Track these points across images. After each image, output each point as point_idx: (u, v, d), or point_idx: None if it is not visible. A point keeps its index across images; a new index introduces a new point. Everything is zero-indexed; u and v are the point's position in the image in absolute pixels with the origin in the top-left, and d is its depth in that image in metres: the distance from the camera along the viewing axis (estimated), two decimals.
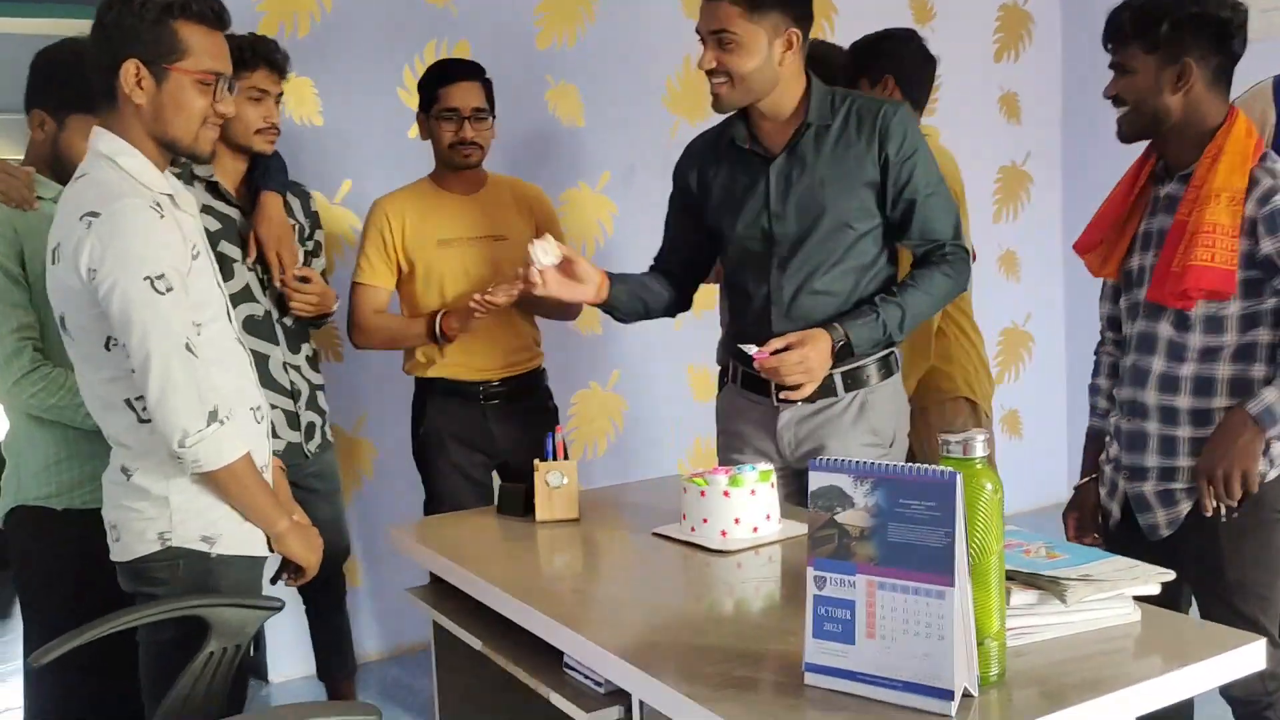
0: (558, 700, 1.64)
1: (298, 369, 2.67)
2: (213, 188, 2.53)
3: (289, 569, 2.02)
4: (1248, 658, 1.41)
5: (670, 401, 4.10)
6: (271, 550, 1.97)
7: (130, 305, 1.69)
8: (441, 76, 2.85)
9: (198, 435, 1.73)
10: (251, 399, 1.93)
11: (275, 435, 2.57)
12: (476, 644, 1.89)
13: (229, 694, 1.90)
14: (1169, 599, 1.88)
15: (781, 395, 2.20)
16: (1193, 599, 2.08)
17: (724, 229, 2.31)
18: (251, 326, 2.53)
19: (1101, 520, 2.15)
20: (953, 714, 1.23)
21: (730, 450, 2.37)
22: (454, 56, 3.63)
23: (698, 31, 2.18)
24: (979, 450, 1.31)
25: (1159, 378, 1.98)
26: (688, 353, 4.00)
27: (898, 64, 2.81)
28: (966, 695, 1.27)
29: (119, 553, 1.89)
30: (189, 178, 2.49)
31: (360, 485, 3.65)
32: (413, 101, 3.62)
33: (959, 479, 1.24)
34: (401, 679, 3.53)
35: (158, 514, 1.84)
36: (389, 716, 3.26)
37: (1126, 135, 2.00)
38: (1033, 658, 1.40)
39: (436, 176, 2.93)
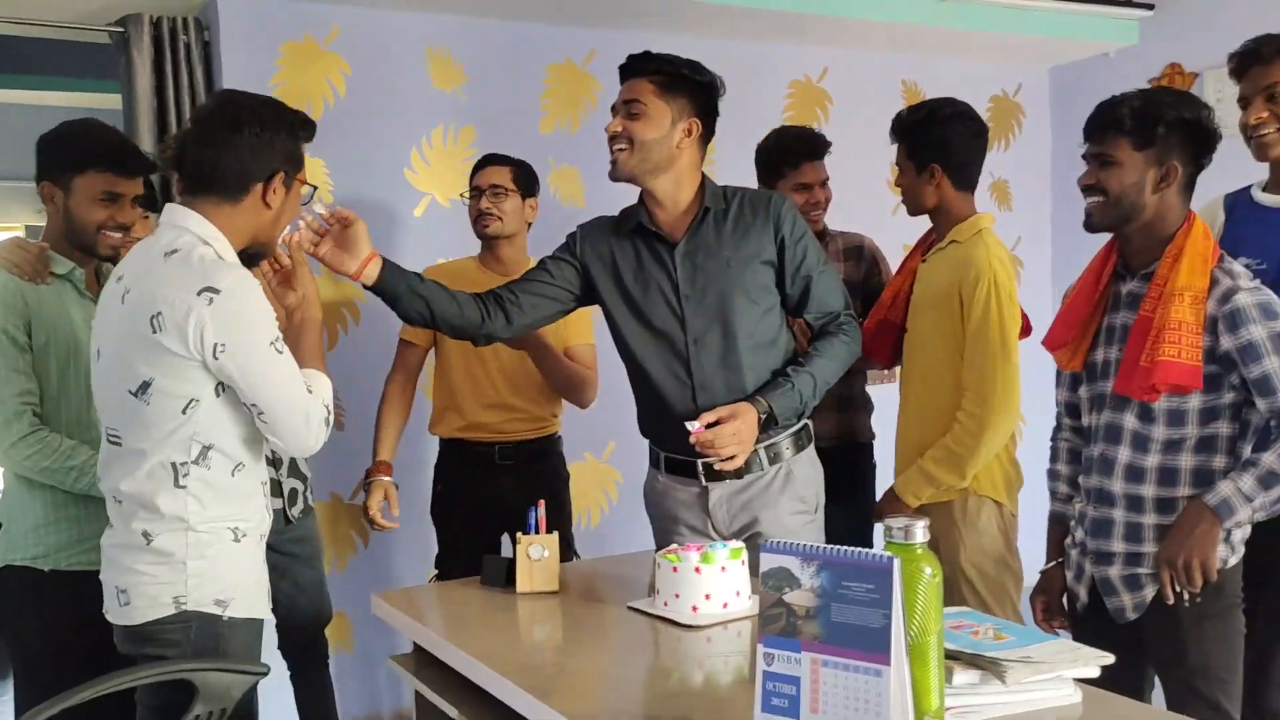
0: None
1: None
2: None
3: None
4: None
5: None
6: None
7: (260, 376, 1.90)
8: (476, 165, 3.20)
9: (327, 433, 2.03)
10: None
11: None
12: (453, 712, 1.96)
13: None
14: (1134, 682, 1.97)
15: (717, 466, 2.27)
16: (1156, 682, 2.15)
17: (632, 310, 2.40)
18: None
19: (1069, 603, 2.22)
20: None
21: (668, 536, 2.45)
22: (462, 140, 3.82)
23: (613, 109, 2.40)
24: (919, 536, 1.40)
25: (1125, 467, 2.06)
26: None
27: (944, 150, 2.66)
28: None
29: (126, 616, 1.95)
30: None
31: (356, 552, 3.73)
32: (420, 182, 3.81)
33: (896, 564, 1.33)
34: None
35: (174, 578, 1.93)
36: None
37: (1096, 225, 2.09)
38: None
39: (481, 257, 3.20)
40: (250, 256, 2.56)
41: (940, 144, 2.66)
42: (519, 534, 2.27)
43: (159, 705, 1.96)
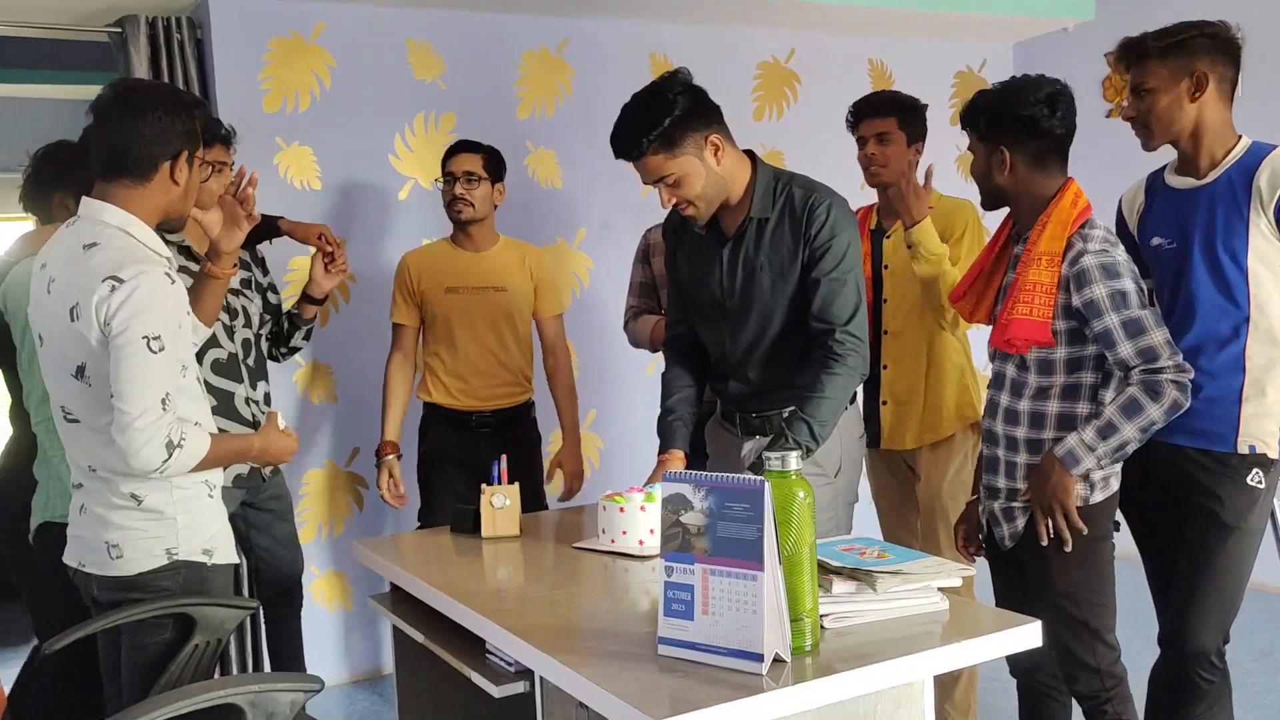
0: (476, 679, 1.96)
1: (257, 403, 3.02)
2: (185, 251, 2.88)
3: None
4: (1025, 635, 1.73)
5: (643, 440, 4.42)
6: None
7: (121, 360, 1.99)
8: (448, 151, 3.44)
9: (163, 465, 2.02)
10: (210, 429, 2.25)
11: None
12: (419, 637, 2.22)
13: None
14: (1025, 601, 2.20)
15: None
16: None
17: (690, 300, 2.64)
18: (218, 368, 2.89)
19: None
20: (763, 673, 1.55)
21: (716, 468, 2.69)
22: (442, 127, 4.04)
23: (645, 182, 2.41)
24: (793, 464, 1.63)
25: (1004, 411, 2.30)
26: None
27: (923, 127, 2.99)
28: (779, 660, 1.58)
29: (116, 568, 2.15)
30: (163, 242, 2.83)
31: (352, 516, 3.99)
32: (403, 167, 4.05)
33: (767, 486, 1.56)
34: (388, 693, 3.84)
35: (165, 532, 2.15)
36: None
37: (985, 205, 2.37)
38: (850, 635, 1.71)
39: (453, 237, 3.49)
40: (257, 234, 2.86)
41: (922, 121, 3.00)
42: (483, 485, 2.51)
43: (156, 641, 2.20)
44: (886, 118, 2.94)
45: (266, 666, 3.50)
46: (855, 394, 2.60)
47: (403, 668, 2.53)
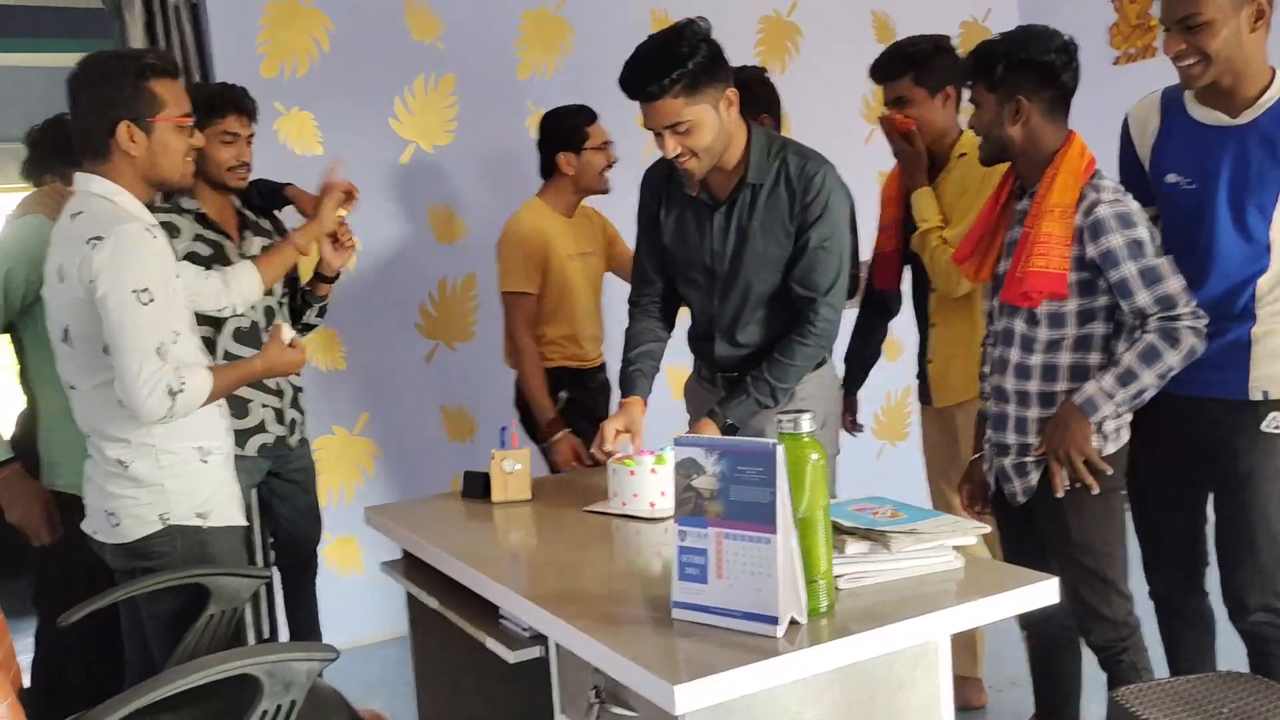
0: (490, 644, 1.96)
1: None
2: (201, 218, 2.86)
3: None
4: (1042, 592, 1.72)
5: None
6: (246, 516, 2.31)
7: (113, 317, 2.01)
8: (589, 115, 3.39)
9: (169, 412, 2.05)
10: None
11: (264, 430, 2.93)
12: (433, 603, 2.22)
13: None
14: (1035, 560, 2.20)
15: None
16: None
17: (676, 262, 2.61)
18: (241, 336, 2.87)
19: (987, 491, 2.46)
20: (779, 636, 1.55)
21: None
22: (442, 89, 4.00)
23: (649, 128, 2.32)
24: (805, 426, 1.62)
25: (1014, 367, 2.29)
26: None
27: (955, 74, 2.73)
28: (795, 623, 1.58)
29: (117, 535, 2.18)
30: (177, 210, 2.82)
31: (362, 480, 4.00)
32: (404, 130, 4.00)
33: (780, 449, 1.55)
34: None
35: (155, 498, 2.16)
36: (388, 689, 3.60)
37: (984, 160, 2.32)
38: (864, 596, 1.71)
39: (559, 196, 3.39)
40: (267, 202, 2.93)
41: (950, 68, 2.82)
42: (493, 450, 2.51)
43: (171, 608, 2.22)
44: (897, 80, 2.82)
45: (283, 633, 3.53)
46: (827, 355, 2.60)
47: (417, 632, 2.54)
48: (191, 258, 2.75)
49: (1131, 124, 2.41)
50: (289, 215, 3.33)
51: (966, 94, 2.37)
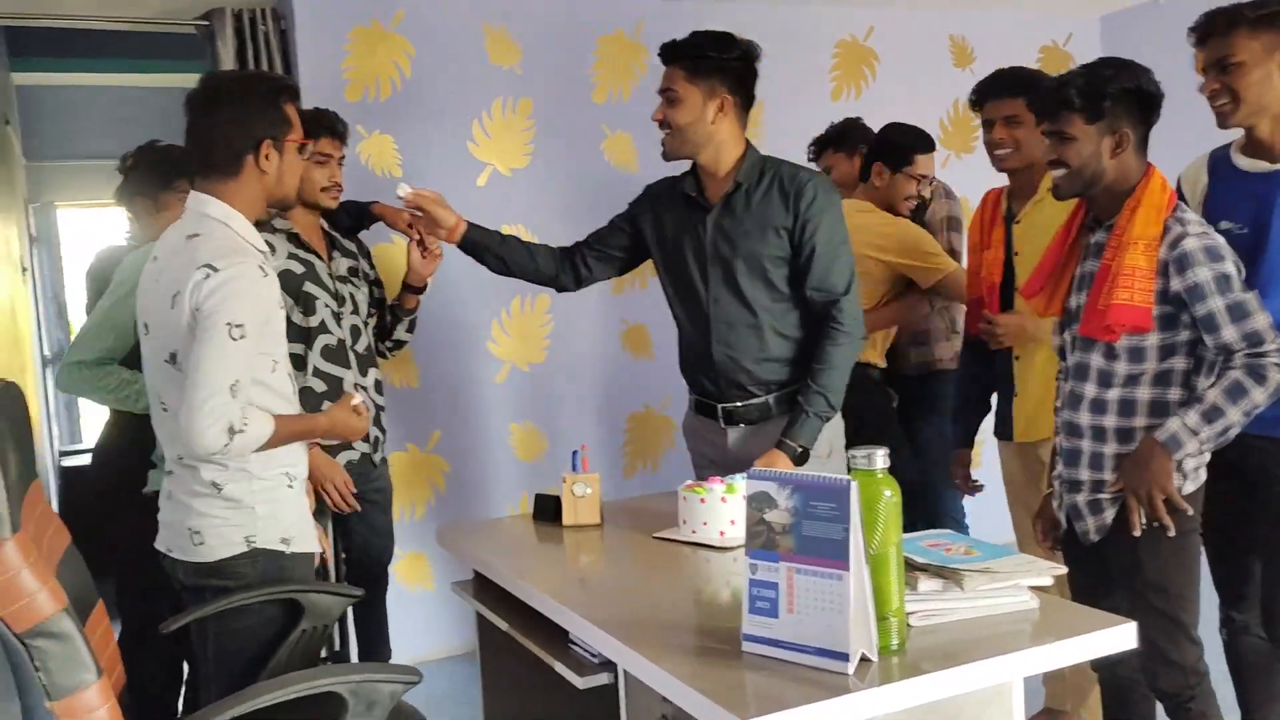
0: (560, 669, 1.98)
1: (365, 390, 3.06)
2: (294, 238, 2.94)
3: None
4: (1119, 637, 1.69)
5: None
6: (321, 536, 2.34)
7: (200, 343, 2.02)
8: (927, 144, 3.49)
9: (224, 449, 2.04)
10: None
11: (350, 446, 2.98)
12: (503, 625, 2.25)
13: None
14: (1110, 599, 2.16)
15: None
16: None
17: (669, 267, 2.69)
18: (328, 354, 2.94)
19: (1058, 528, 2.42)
20: (850, 673, 1.54)
21: (700, 469, 2.77)
22: (520, 113, 4.06)
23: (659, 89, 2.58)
24: (879, 463, 1.62)
25: (1091, 402, 2.25)
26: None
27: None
28: (865, 660, 1.58)
29: (200, 554, 2.19)
30: (270, 229, 2.89)
31: (433, 497, 4.06)
32: (481, 154, 4.06)
33: (854, 486, 1.55)
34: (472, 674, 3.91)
35: (245, 520, 2.18)
36: (454, 705, 3.64)
37: (1063, 194, 2.26)
38: (937, 634, 1.69)
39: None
40: (354, 221, 2.96)
41: None
42: (564, 474, 2.54)
43: (258, 623, 2.26)
44: (1014, 98, 2.79)
45: (354, 645, 3.58)
46: None
47: (487, 651, 2.57)
48: (285, 276, 2.83)
49: (1183, 184, 2.46)
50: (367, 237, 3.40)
51: None
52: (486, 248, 2.76)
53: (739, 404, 2.63)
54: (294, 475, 2.27)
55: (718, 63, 2.51)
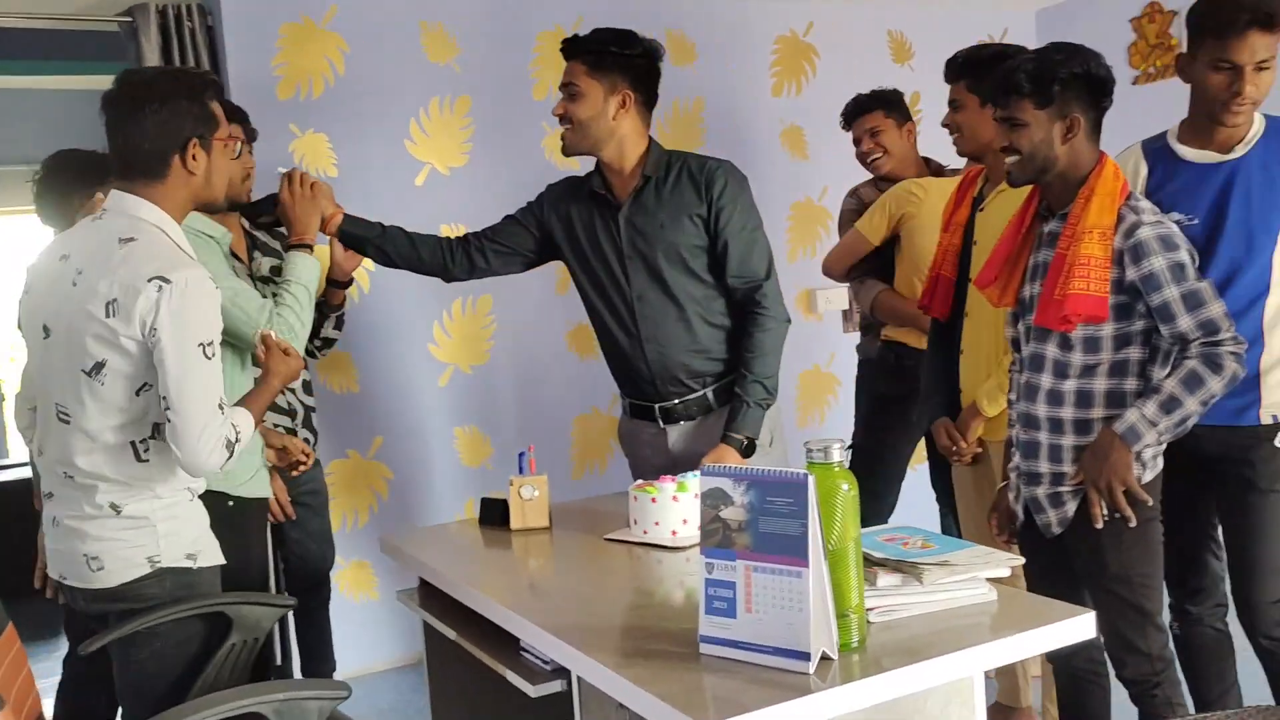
0: (512, 677, 1.92)
1: (294, 391, 2.99)
2: None
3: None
4: (1078, 627, 1.67)
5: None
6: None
7: (181, 372, 1.94)
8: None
9: (227, 462, 2.00)
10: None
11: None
12: (451, 634, 2.18)
13: (248, 682, 2.20)
14: (1068, 592, 2.15)
15: None
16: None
17: (585, 268, 2.65)
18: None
19: (1014, 521, 2.40)
20: (810, 672, 1.50)
21: (640, 471, 2.73)
22: (458, 110, 3.98)
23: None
24: (835, 456, 1.58)
25: (1047, 393, 2.23)
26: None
27: None
28: (826, 658, 1.54)
29: (100, 580, 2.07)
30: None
31: (375, 504, 3.96)
32: (419, 152, 3.98)
33: (811, 480, 1.51)
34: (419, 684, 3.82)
35: (147, 540, 2.06)
36: (402, 718, 3.55)
37: (1016, 180, 2.25)
38: (896, 630, 1.66)
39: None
40: (271, 211, 2.73)
41: None
42: (511, 477, 2.47)
43: (182, 639, 2.14)
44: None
45: (295, 659, 3.48)
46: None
47: (434, 662, 2.50)
48: None
49: (1127, 174, 2.39)
50: None
51: None
52: (365, 239, 2.71)
53: (677, 401, 2.61)
54: (195, 488, 2.16)
55: (619, 58, 2.50)
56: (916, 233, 3.28)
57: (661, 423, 2.64)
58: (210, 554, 2.17)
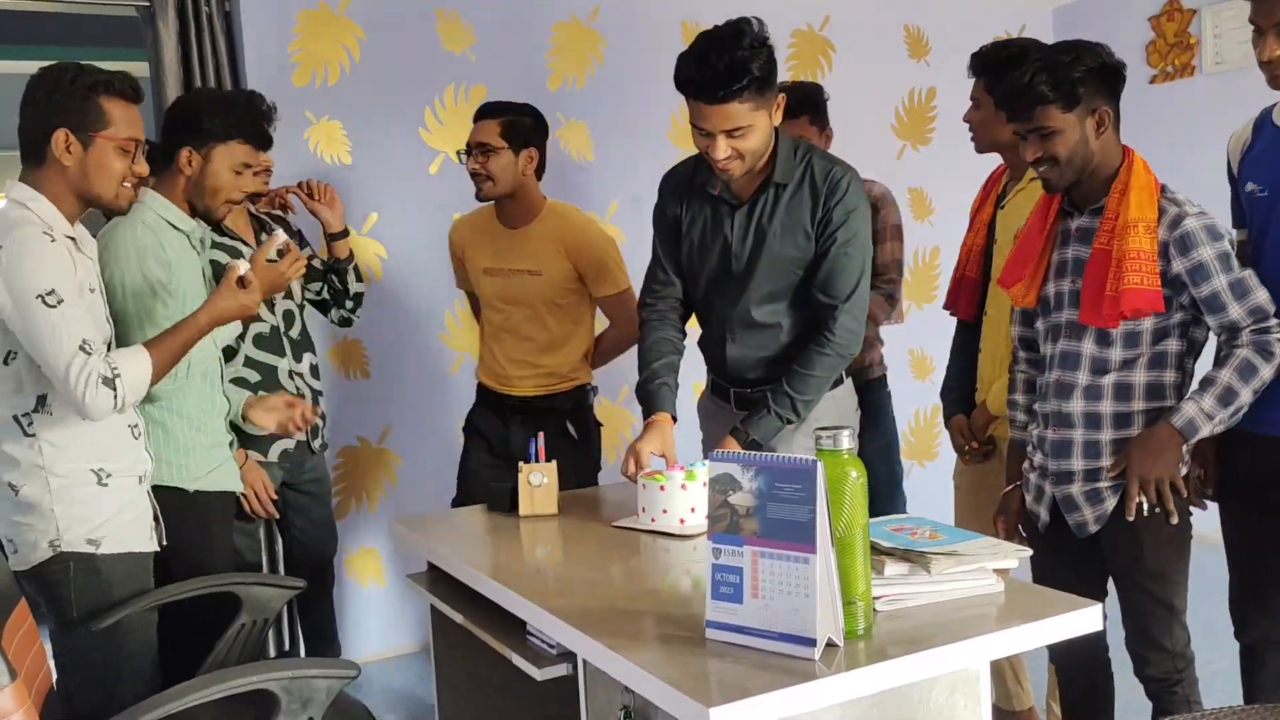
0: (517, 660, 1.93)
1: (301, 376, 2.99)
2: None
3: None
4: (1084, 619, 1.67)
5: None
6: (156, 538, 2.23)
7: (27, 324, 1.96)
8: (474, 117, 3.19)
9: (118, 402, 1.98)
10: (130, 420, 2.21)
11: (286, 434, 2.85)
12: (459, 618, 2.19)
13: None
14: (1091, 591, 2.11)
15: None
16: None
17: (694, 263, 2.58)
18: (261, 341, 2.87)
19: (1027, 523, 2.37)
20: (816, 659, 1.50)
21: (707, 447, 2.69)
22: (473, 99, 3.98)
23: (698, 127, 2.28)
24: (845, 443, 1.58)
25: (1084, 389, 2.20)
26: None
27: None
28: (832, 645, 1.54)
29: (17, 563, 2.10)
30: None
31: (384, 491, 3.98)
32: (434, 140, 3.99)
33: (819, 466, 1.51)
34: (426, 671, 3.84)
35: (44, 525, 2.07)
36: (409, 703, 3.56)
37: (1055, 187, 2.19)
38: (903, 619, 1.66)
39: (496, 207, 3.20)
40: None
41: None
42: (520, 462, 2.48)
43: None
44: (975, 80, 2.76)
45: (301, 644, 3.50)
46: (843, 372, 2.56)
47: (440, 646, 2.51)
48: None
49: (1230, 145, 2.35)
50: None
51: None
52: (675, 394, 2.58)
53: (749, 390, 2.55)
54: (109, 471, 2.13)
55: (771, 72, 2.27)
56: None
57: (734, 407, 2.58)
58: (120, 540, 2.14)
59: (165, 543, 2.27)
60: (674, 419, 2.52)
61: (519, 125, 3.10)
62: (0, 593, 1.88)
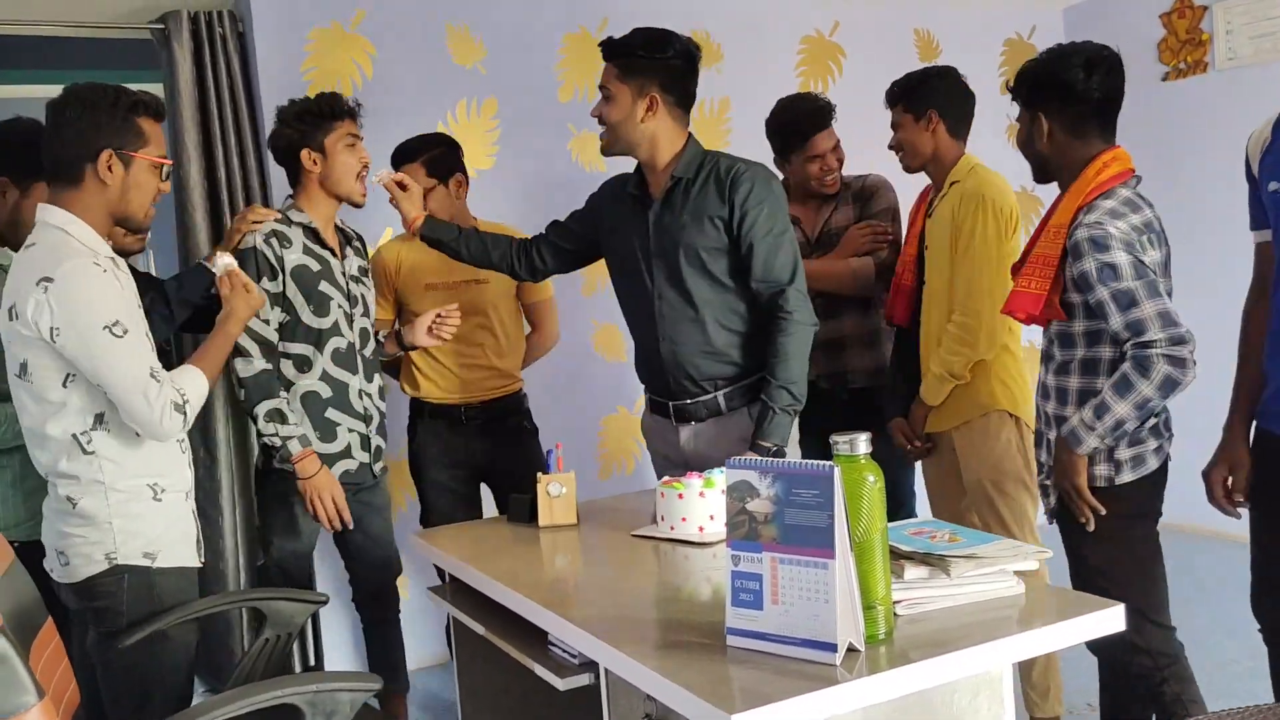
0: (540, 671, 1.93)
1: (370, 397, 2.95)
2: (311, 233, 2.83)
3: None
4: (1107, 620, 1.66)
5: None
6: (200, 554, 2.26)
7: (97, 357, 2.00)
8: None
9: (187, 422, 2.09)
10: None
11: (350, 455, 2.88)
12: (480, 629, 2.20)
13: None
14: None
15: None
16: None
17: (615, 264, 2.73)
18: (338, 358, 2.85)
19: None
20: (837, 664, 1.50)
21: (659, 467, 2.81)
22: (484, 112, 4.01)
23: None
24: (862, 449, 1.58)
25: (1040, 386, 2.30)
26: None
27: (940, 99, 2.90)
28: (853, 650, 1.54)
29: (68, 575, 2.13)
30: (286, 221, 2.81)
31: (405, 503, 3.99)
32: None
33: (837, 471, 1.51)
34: (448, 682, 3.84)
35: (103, 537, 2.10)
36: (431, 716, 3.57)
37: (1035, 177, 2.31)
38: (924, 623, 1.66)
39: None
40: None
41: (935, 92, 2.88)
42: (539, 474, 2.49)
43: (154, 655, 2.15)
44: (891, 108, 3.01)
45: (326, 663, 3.52)
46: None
47: (462, 658, 2.52)
48: (300, 272, 2.77)
49: (1249, 145, 2.31)
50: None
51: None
52: (443, 241, 2.84)
53: (688, 401, 2.64)
54: (163, 485, 2.17)
55: (648, 61, 2.53)
56: None
57: (674, 420, 2.67)
58: (174, 554, 2.18)
59: (206, 559, 2.31)
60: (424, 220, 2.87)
61: (439, 159, 3.23)
62: (27, 611, 1.89)
